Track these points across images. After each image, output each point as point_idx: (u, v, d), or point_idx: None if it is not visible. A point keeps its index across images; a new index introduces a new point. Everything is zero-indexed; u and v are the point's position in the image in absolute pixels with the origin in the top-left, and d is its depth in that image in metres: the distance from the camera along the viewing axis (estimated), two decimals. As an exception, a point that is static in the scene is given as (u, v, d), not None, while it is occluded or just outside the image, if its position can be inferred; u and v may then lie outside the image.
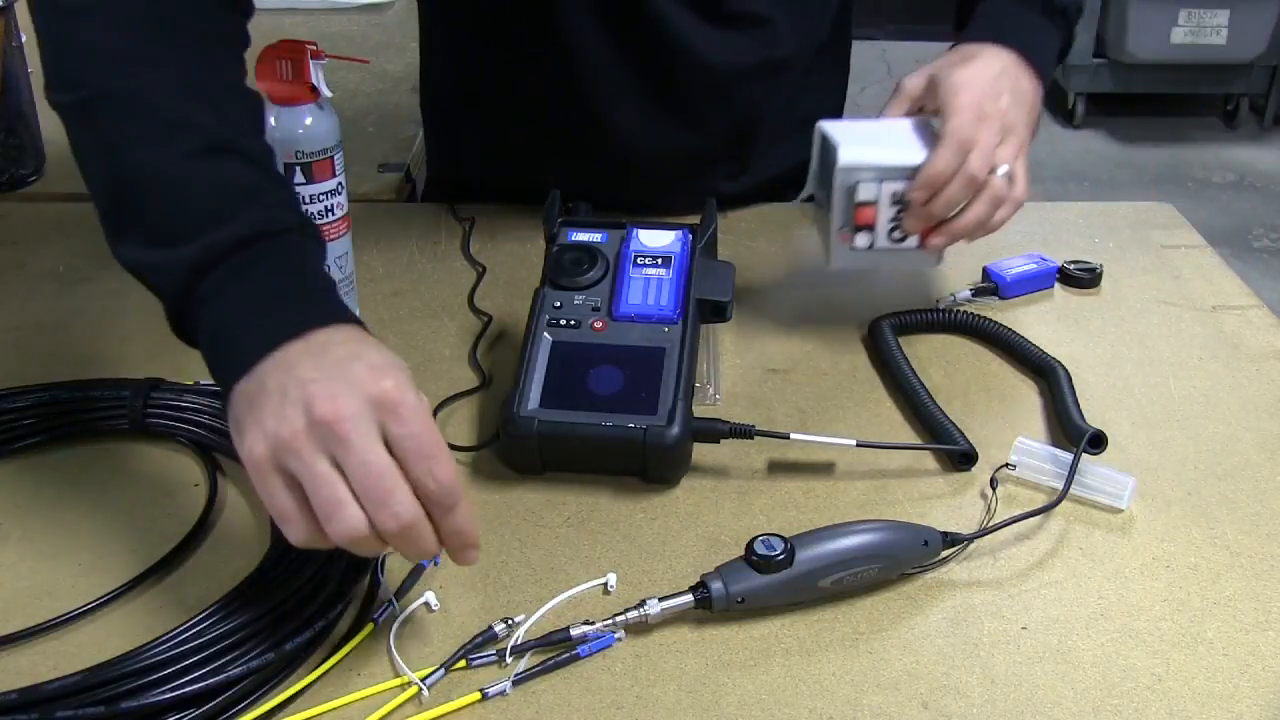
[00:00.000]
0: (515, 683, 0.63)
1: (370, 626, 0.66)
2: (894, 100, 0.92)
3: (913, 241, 0.88)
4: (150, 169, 0.67)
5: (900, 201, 0.86)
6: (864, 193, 0.86)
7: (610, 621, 0.66)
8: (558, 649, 0.64)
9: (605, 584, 0.70)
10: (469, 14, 1.06)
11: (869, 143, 0.87)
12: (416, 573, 0.69)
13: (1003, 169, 0.85)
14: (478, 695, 0.62)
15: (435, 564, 0.68)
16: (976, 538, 0.73)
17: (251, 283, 0.65)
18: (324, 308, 0.65)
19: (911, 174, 0.85)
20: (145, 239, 0.67)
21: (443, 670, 0.63)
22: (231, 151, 0.69)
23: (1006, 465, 0.79)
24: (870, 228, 0.87)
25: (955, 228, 0.86)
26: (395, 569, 0.70)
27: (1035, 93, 0.92)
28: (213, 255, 0.64)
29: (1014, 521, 0.74)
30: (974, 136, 0.84)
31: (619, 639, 0.66)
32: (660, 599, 0.66)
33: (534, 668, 0.64)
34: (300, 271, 0.67)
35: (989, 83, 0.87)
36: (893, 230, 0.87)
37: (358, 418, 0.58)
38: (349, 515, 0.57)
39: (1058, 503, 0.75)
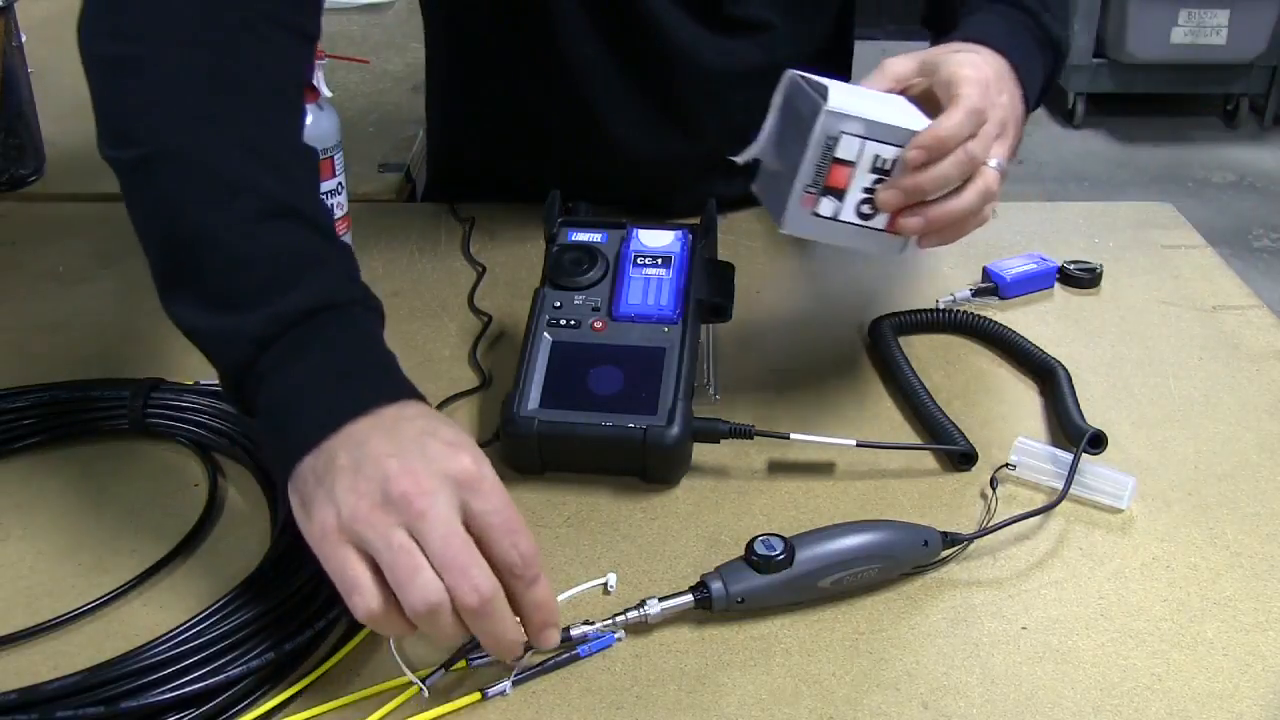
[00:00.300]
0: (515, 683, 0.63)
1: (416, 689, 0.64)
2: (874, 76, 0.82)
3: (880, 221, 0.77)
4: (210, 231, 0.66)
5: (881, 170, 0.75)
6: (845, 149, 0.74)
7: (610, 621, 0.66)
8: (558, 649, 0.64)
9: (605, 584, 0.70)
10: (469, 17, 1.06)
11: (858, 97, 0.76)
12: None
13: (995, 161, 0.77)
14: (478, 695, 0.62)
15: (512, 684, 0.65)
16: (976, 538, 0.73)
17: (316, 356, 0.63)
18: (391, 383, 0.64)
19: (904, 139, 0.74)
20: (204, 303, 0.65)
21: (442, 670, 0.63)
22: (292, 215, 0.67)
23: (1006, 465, 0.79)
24: (840, 193, 0.76)
25: (936, 212, 0.76)
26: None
27: (1020, 107, 0.85)
28: (277, 327, 0.63)
29: (1014, 521, 0.74)
30: (985, 110, 0.77)
31: (619, 639, 0.66)
32: (660, 599, 0.66)
33: (533, 668, 0.64)
34: (365, 346, 0.66)
35: (992, 75, 0.80)
36: (863, 204, 0.76)
37: (436, 494, 0.57)
38: (426, 580, 0.56)
39: (1057, 503, 0.75)
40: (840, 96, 0.74)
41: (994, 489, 0.78)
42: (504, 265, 1.05)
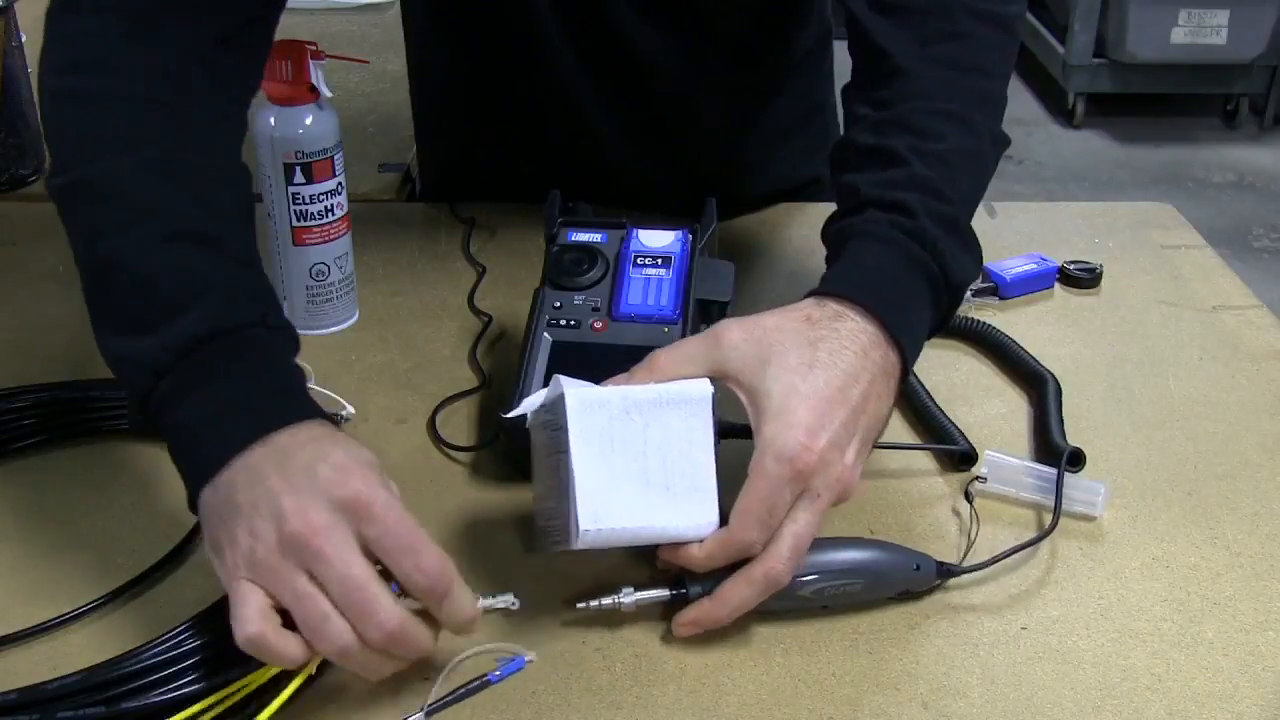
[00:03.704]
0: (430, 713, 0.62)
1: None
2: (703, 346, 0.67)
3: None
4: (118, 255, 0.66)
5: None
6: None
7: (585, 606, 0.66)
8: (468, 680, 0.63)
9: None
10: (449, 29, 1.06)
11: (625, 492, 0.62)
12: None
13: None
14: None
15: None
16: (974, 570, 0.71)
17: (207, 386, 0.63)
18: (285, 407, 0.63)
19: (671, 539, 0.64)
20: (112, 328, 0.66)
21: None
22: (201, 239, 0.67)
23: (977, 479, 0.78)
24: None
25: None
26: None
27: (890, 413, 0.70)
28: (170, 355, 0.63)
29: (1010, 554, 0.71)
30: (763, 534, 0.62)
31: (529, 660, 0.65)
32: (636, 589, 0.66)
33: (446, 697, 0.64)
34: (261, 371, 0.65)
35: (834, 434, 0.63)
36: None
37: (331, 530, 0.57)
38: (333, 631, 0.56)
39: (1050, 530, 0.73)
40: (597, 520, 0.61)
41: (970, 502, 0.77)
42: (504, 265, 1.04)
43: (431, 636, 0.60)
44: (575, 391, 0.63)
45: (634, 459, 0.63)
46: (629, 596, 0.66)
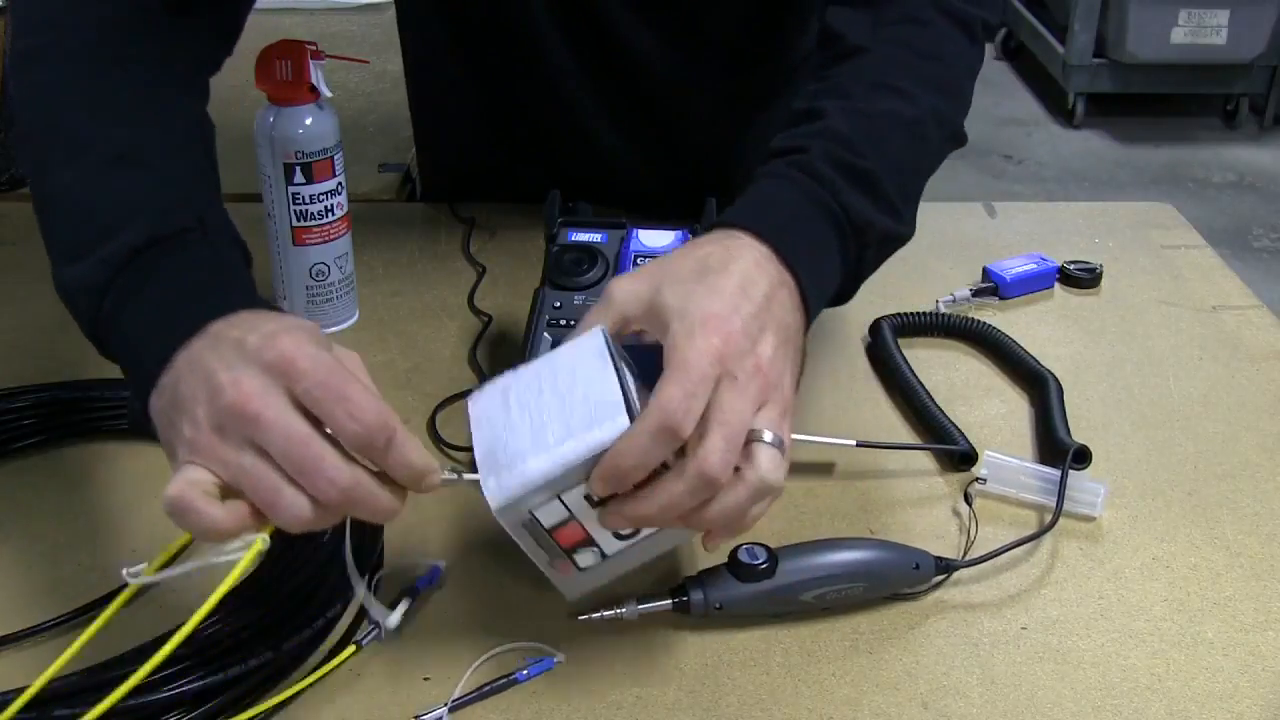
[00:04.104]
0: (454, 709, 0.63)
1: (353, 648, 0.65)
2: (598, 312, 0.63)
3: (648, 529, 0.61)
4: (60, 188, 0.67)
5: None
6: (547, 517, 0.59)
7: (587, 618, 0.66)
8: (496, 676, 0.64)
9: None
10: (447, 30, 1.06)
11: (525, 440, 0.58)
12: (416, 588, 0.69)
13: (768, 435, 0.59)
14: None
15: (433, 582, 0.68)
16: (971, 564, 0.71)
17: (148, 292, 0.62)
18: (223, 299, 0.60)
19: (591, 467, 0.57)
20: (62, 259, 0.65)
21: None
22: (137, 164, 0.66)
23: (977, 480, 0.78)
24: (587, 541, 0.61)
25: (702, 517, 0.59)
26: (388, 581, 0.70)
27: (801, 330, 0.65)
28: (108, 271, 0.62)
29: (1009, 548, 0.72)
30: (687, 414, 0.56)
31: (559, 661, 0.65)
32: (639, 601, 0.66)
33: (470, 694, 0.64)
34: (197, 268, 0.63)
35: (743, 320, 0.59)
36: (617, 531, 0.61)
37: (264, 393, 0.54)
38: (288, 501, 0.54)
39: (1051, 526, 0.74)
40: (496, 483, 0.57)
41: (969, 503, 0.77)
42: (504, 265, 1.05)
43: (393, 497, 0.56)
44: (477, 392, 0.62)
45: (529, 417, 0.59)
46: (632, 608, 0.66)
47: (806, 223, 0.68)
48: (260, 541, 0.55)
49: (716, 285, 0.61)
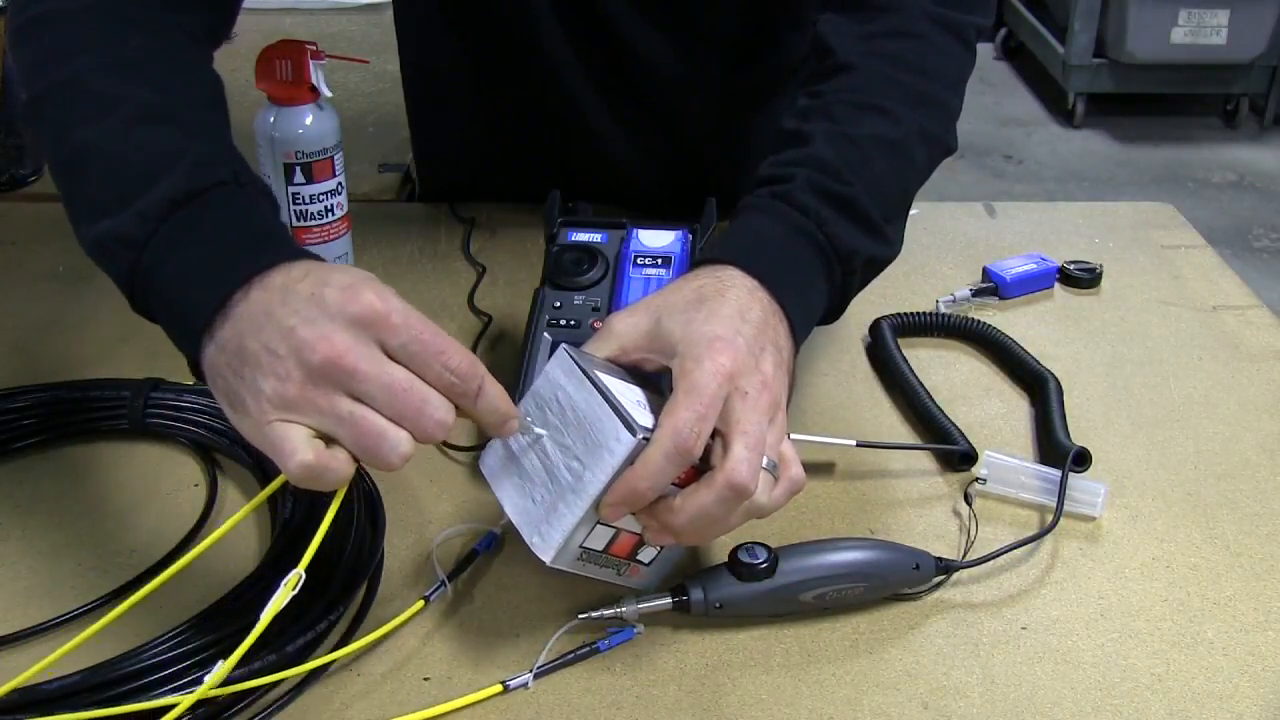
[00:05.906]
0: (537, 675, 0.64)
1: (420, 603, 0.67)
2: (596, 345, 0.66)
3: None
4: (87, 145, 0.67)
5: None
6: (597, 541, 0.63)
7: (587, 616, 0.66)
8: (576, 645, 0.65)
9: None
10: (447, 29, 1.06)
11: (546, 487, 0.62)
12: (470, 557, 0.71)
13: (765, 460, 0.62)
14: (499, 688, 0.62)
15: (492, 546, 0.69)
16: (972, 565, 0.71)
17: (192, 241, 0.62)
18: (271, 249, 0.61)
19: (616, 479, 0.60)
20: (91, 215, 0.65)
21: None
22: (167, 120, 0.67)
23: (977, 480, 0.78)
24: (640, 543, 0.64)
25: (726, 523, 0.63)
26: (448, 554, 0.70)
27: (792, 355, 0.68)
28: (149, 223, 0.62)
29: (1009, 549, 0.72)
30: (699, 437, 0.59)
31: (639, 632, 0.66)
32: (638, 600, 0.66)
33: (554, 660, 0.64)
34: (240, 220, 0.64)
35: (746, 341, 0.62)
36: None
37: (356, 346, 0.56)
38: (391, 442, 0.56)
39: (1051, 527, 0.74)
40: (545, 537, 0.61)
41: (969, 504, 0.77)
42: (504, 265, 1.05)
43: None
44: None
45: (539, 462, 0.62)
46: (631, 608, 0.66)
47: (793, 255, 0.71)
48: (295, 577, 0.58)
49: (716, 311, 0.64)
